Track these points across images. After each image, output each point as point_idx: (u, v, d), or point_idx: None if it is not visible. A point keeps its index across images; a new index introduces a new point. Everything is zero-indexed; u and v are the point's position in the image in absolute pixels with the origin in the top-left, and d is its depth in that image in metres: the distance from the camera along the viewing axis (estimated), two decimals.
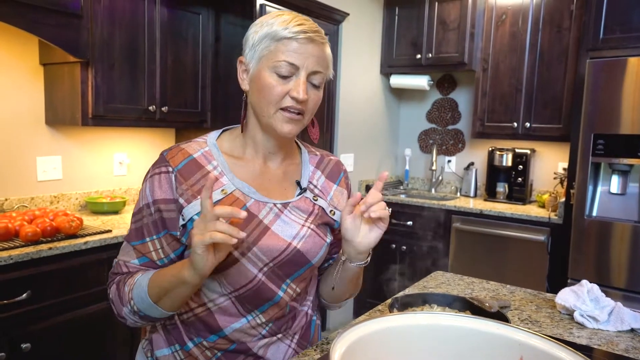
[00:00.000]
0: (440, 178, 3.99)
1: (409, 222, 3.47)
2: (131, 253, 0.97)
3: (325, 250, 1.04)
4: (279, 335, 1.02)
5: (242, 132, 1.02)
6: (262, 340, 1.00)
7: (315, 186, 1.07)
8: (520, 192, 3.49)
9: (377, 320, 0.61)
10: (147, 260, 0.96)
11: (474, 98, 3.54)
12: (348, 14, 3.35)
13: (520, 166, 3.48)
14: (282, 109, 0.93)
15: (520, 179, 3.48)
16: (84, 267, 1.93)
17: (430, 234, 3.43)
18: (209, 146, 1.01)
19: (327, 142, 3.36)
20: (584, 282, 1.32)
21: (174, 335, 1.00)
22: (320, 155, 1.14)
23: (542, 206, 3.32)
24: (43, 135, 2.39)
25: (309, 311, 1.10)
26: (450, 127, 4.01)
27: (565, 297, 1.31)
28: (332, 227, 1.07)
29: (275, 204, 0.99)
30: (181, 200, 0.95)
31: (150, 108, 2.47)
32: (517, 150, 3.49)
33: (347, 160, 3.58)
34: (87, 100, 2.23)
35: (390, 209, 1.01)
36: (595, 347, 1.12)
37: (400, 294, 1.36)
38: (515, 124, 3.36)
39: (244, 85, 0.98)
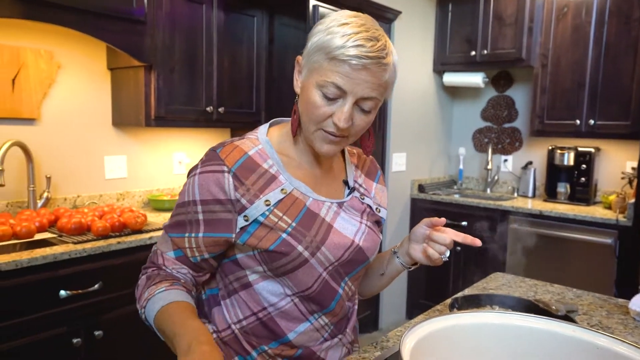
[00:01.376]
0: (496, 178, 3.87)
1: (464, 222, 3.40)
2: (169, 244, 0.95)
3: (378, 248, 1.05)
4: (340, 336, 1.02)
5: (293, 134, 0.96)
6: (324, 343, 0.99)
7: (361, 185, 1.07)
8: (583, 193, 3.33)
9: (446, 317, 0.61)
10: (182, 254, 0.94)
11: (532, 95, 3.41)
12: (400, 12, 3.32)
13: (584, 165, 3.32)
14: (321, 129, 0.88)
15: (583, 178, 3.32)
16: None
17: (486, 234, 3.34)
18: (262, 144, 0.97)
19: (378, 141, 3.35)
20: None
21: (234, 348, 0.98)
22: (358, 154, 1.13)
23: (609, 207, 3.15)
24: (110, 136, 2.53)
25: (356, 308, 1.09)
26: (506, 125, 3.88)
27: None
28: (379, 224, 1.09)
29: (332, 203, 0.98)
30: (243, 201, 0.90)
31: (208, 109, 2.55)
32: (579, 149, 3.33)
33: (399, 160, 3.55)
34: (149, 102, 2.33)
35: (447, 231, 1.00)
36: None
37: (460, 294, 1.33)
38: (578, 121, 3.21)
39: (297, 87, 0.93)
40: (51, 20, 1.92)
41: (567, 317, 1.09)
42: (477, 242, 0.95)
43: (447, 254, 0.97)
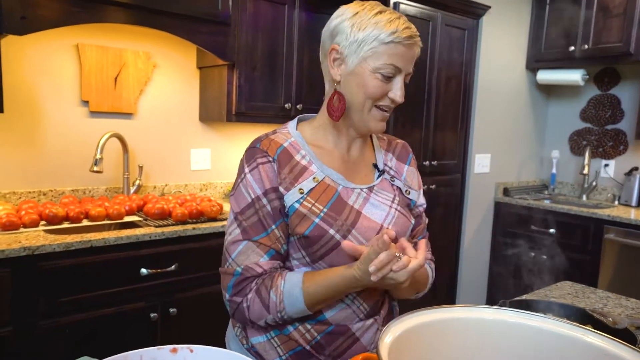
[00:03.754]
0: (594, 184, 3.54)
1: (552, 230, 3.16)
2: (257, 251, 0.95)
3: (410, 231, 1.06)
4: (376, 317, 1.05)
5: (337, 120, 1.00)
6: (359, 323, 1.02)
7: (391, 168, 1.11)
8: None
9: (438, 309, 0.60)
10: (274, 252, 0.96)
11: None
12: (489, 7, 3.17)
13: None
14: (377, 106, 0.98)
15: None
16: (220, 248, 2.14)
17: (576, 244, 3.07)
18: (294, 137, 1.03)
19: (460, 140, 3.23)
20: None
21: (272, 325, 1.02)
22: (388, 139, 1.16)
23: None
24: (196, 130, 2.73)
25: (391, 296, 1.12)
26: (609, 126, 3.54)
27: None
28: (411, 207, 1.10)
29: (362, 189, 1.03)
30: (281, 189, 0.97)
31: (286, 106, 2.65)
32: None
33: (483, 161, 3.39)
34: (231, 99, 2.48)
35: None
36: None
37: (517, 298, 1.26)
38: None
39: (336, 75, 0.98)
40: (151, 24, 2.13)
41: (628, 332, 0.99)
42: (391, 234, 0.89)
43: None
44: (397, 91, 0.96)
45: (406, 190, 1.10)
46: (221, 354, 0.62)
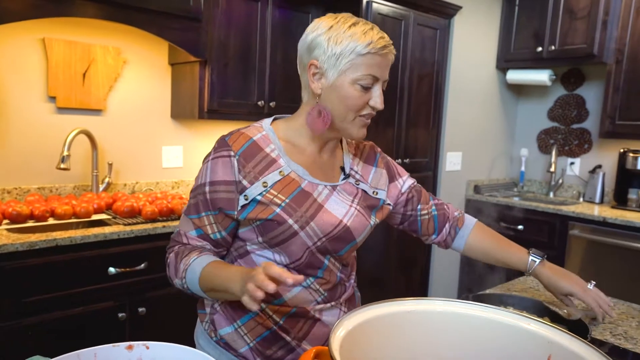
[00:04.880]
0: (560, 181, 3.65)
1: (520, 227, 3.24)
2: (190, 224, 1.05)
3: (369, 231, 1.11)
4: (332, 303, 1.09)
5: (318, 133, 1.06)
6: (318, 305, 1.07)
7: (357, 172, 1.15)
8: None
9: (389, 303, 0.61)
10: (202, 232, 1.04)
11: (604, 93, 3.18)
12: (460, 7, 3.22)
13: None
14: (360, 115, 1.02)
15: None
16: None
17: (543, 240, 3.16)
18: (266, 131, 1.07)
19: (432, 139, 3.28)
20: None
21: (237, 311, 1.06)
22: (355, 144, 1.20)
23: None
24: (168, 127, 2.70)
25: (354, 285, 1.18)
26: (575, 125, 3.64)
27: None
28: (380, 206, 1.15)
29: (325, 186, 1.07)
30: (244, 182, 1.01)
31: (259, 103, 2.64)
32: None
33: (454, 159, 3.45)
34: (203, 96, 2.46)
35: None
36: None
37: (479, 292, 1.30)
38: None
39: (316, 89, 1.02)
40: (120, 20, 2.10)
41: (580, 323, 1.03)
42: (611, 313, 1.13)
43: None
44: (377, 99, 1.01)
45: (374, 192, 1.14)
46: (176, 350, 0.63)
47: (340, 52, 0.97)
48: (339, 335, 0.54)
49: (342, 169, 1.13)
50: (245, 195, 1.01)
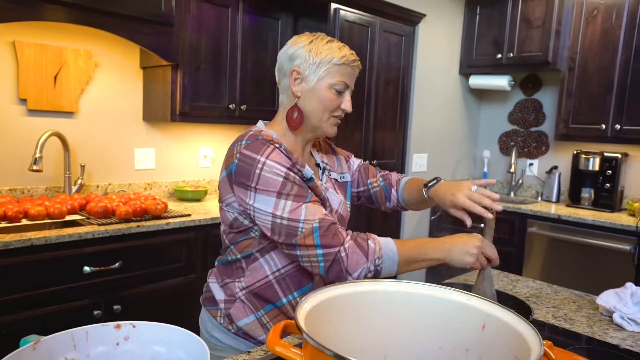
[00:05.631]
0: (520, 181, 3.84)
1: (482, 225, 3.39)
2: (317, 207, 1.08)
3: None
4: None
5: (293, 129, 1.20)
6: None
7: (326, 163, 1.32)
8: (608, 199, 3.26)
9: (349, 284, 0.71)
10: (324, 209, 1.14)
11: (558, 99, 3.38)
12: (424, 15, 3.37)
13: (609, 171, 3.25)
14: (333, 115, 1.20)
15: (608, 184, 3.26)
16: (165, 245, 2.20)
17: (504, 237, 3.33)
18: (272, 135, 1.19)
19: (399, 141, 3.41)
20: (629, 284, 1.28)
21: (266, 296, 1.16)
22: (313, 140, 1.31)
23: (633, 214, 3.08)
24: (140, 130, 2.74)
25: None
26: (533, 129, 3.84)
27: (607, 298, 1.28)
28: (349, 190, 1.35)
29: (322, 182, 1.26)
30: (298, 165, 1.13)
31: (231, 106, 2.71)
32: (605, 154, 3.27)
33: (420, 160, 3.59)
34: (175, 99, 2.51)
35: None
36: (627, 347, 1.10)
37: (437, 284, 1.41)
38: (604, 126, 3.15)
39: (297, 92, 1.17)
40: (91, 24, 2.13)
41: (524, 304, 1.15)
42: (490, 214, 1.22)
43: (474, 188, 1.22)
44: (347, 102, 1.19)
45: (340, 177, 1.32)
46: (161, 328, 0.70)
47: (320, 61, 1.15)
48: (305, 308, 0.63)
49: (318, 165, 1.28)
50: (304, 175, 1.14)
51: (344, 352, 0.49)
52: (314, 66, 1.15)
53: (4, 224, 1.97)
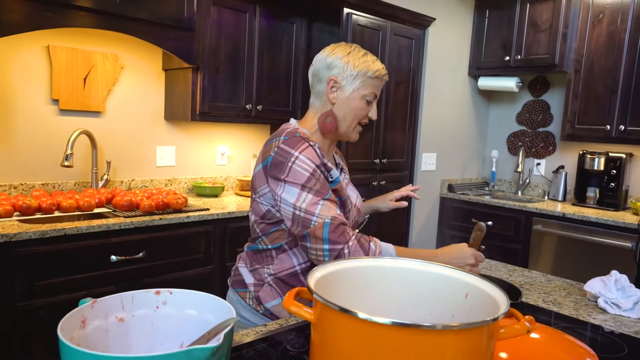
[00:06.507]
0: (527, 181, 3.93)
1: (489, 222, 3.50)
2: (332, 206, 1.19)
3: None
4: None
5: (327, 133, 1.34)
6: None
7: (339, 164, 1.47)
8: (612, 198, 3.34)
9: (352, 260, 0.84)
10: (339, 209, 1.23)
11: (565, 100, 3.46)
12: (434, 19, 3.48)
13: (614, 171, 3.33)
14: (359, 123, 1.35)
15: (613, 184, 3.34)
16: (185, 237, 2.35)
17: (509, 235, 3.42)
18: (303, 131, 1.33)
19: (408, 140, 3.52)
20: (614, 272, 1.38)
21: (291, 283, 1.27)
22: (336, 142, 1.46)
23: (637, 213, 3.16)
24: (162, 129, 2.89)
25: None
26: (540, 129, 3.93)
27: (593, 285, 1.38)
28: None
29: (342, 179, 1.40)
30: (328, 164, 1.26)
31: (247, 107, 2.85)
32: (610, 154, 3.35)
33: (429, 160, 3.70)
34: (195, 99, 2.66)
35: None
36: (607, 327, 1.20)
37: None
38: (609, 127, 3.23)
39: (333, 99, 1.31)
40: (118, 29, 2.29)
41: (515, 288, 1.26)
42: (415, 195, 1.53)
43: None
44: (374, 111, 1.35)
45: (349, 175, 1.49)
46: (193, 295, 0.83)
47: (357, 73, 1.28)
48: (315, 276, 0.75)
49: (337, 165, 1.43)
50: (330, 175, 1.27)
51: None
52: (351, 77, 1.28)
53: (38, 215, 2.14)
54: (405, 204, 1.56)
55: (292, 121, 1.35)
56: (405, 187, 1.60)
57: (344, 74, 1.29)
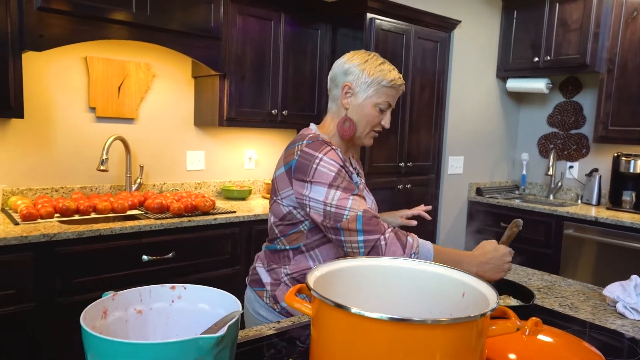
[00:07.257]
0: (559, 184, 3.84)
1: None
2: (362, 201, 1.23)
3: None
4: None
5: (345, 138, 1.37)
6: None
7: (356, 168, 1.48)
8: None
9: (353, 259, 0.88)
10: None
11: (597, 101, 3.38)
12: (459, 22, 3.46)
13: None
14: (373, 130, 1.38)
15: None
16: (213, 239, 2.43)
17: (539, 239, 3.36)
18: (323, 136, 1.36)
19: (435, 143, 3.51)
20: (634, 277, 1.36)
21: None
22: (352, 146, 1.49)
23: None
24: (192, 134, 3.00)
25: None
26: (573, 131, 3.84)
27: (612, 289, 1.37)
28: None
29: (360, 182, 1.44)
30: (350, 168, 1.31)
31: (273, 112, 2.93)
32: None
33: (456, 163, 3.68)
34: (223, 106, 2.76)
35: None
36: (624, 332, 1.19)
37: None
38: None
39: (346, 104, 1.35)
40: (150, 40, 2.40)
41: (527, 290, 1.27)
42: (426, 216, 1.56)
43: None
44: (387, 119, 1.38)
45: (365, 180, 1.51)
46: (206, 290, 0.89)
47: (371, 81, 1.31)
48: (315, 274, 0.80)
49: (355, 168, 1.46)
50: (351, 179, 1.31)
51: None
52: (365, 85, 1.31)
53: (77, 217, 2.27)
54: (414, 222, 1.60)
55: (312, 126, 1.40)
56: (417, 207, 1.64)
57: (359, 80, 1.32)
